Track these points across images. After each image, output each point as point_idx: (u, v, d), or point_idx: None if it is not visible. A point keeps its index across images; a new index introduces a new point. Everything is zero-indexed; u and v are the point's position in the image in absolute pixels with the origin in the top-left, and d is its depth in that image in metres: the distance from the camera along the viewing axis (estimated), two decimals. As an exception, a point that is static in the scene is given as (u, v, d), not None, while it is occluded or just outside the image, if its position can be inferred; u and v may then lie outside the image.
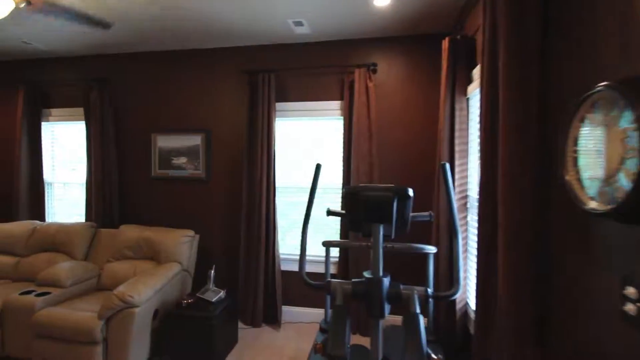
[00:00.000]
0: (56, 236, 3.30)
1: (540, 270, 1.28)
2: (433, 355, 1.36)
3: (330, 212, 1.89)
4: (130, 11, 2.69)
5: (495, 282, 1.43)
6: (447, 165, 1.53)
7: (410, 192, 1.51)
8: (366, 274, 1.54)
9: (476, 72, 2.24)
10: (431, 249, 1.79)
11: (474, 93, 2.29)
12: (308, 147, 3.38)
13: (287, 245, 3.42)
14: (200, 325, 2.53)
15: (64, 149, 3.92)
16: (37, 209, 3.77)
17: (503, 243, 1.22)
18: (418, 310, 1.46)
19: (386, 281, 1.49)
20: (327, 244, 1.89)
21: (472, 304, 2.23)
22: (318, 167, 1.85)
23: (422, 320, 1.40)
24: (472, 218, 2.28)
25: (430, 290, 1.51)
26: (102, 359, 2.43)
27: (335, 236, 3.32)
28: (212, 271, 2.85)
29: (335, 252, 3.20)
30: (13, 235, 3.34)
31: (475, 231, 2.22)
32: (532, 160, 1.20)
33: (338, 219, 3.26)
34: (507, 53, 1.26)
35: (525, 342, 1.24)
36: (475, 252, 2.21)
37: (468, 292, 2.24)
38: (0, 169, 3.98)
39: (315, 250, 3.33)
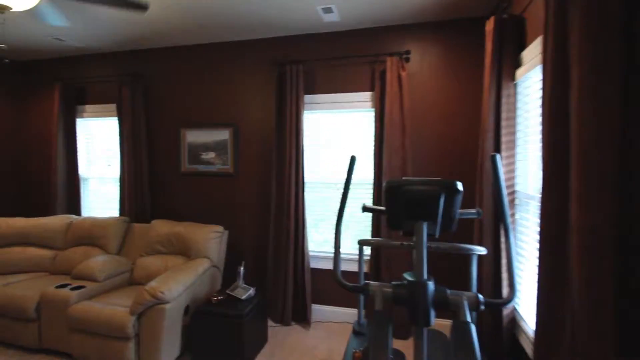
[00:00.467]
0: (91, 230, 3.36)
1: (628, 280, 1.10)
2: None
3: (366, 209, 1.76)
4: (162, 3, 2.66)
5: (563, 292, 1.26)
6: (499, 157, 1.36)
7: (460, 186, 1.36)
8: (407, 276, 1.41)
9: (527, 54, 2.03)
10: (481, 250, 1.63)
11: (524, 77, 2.07)
12: (337, 141, 3.25)
13: (313, 241, 3.32)
14: (230, 323, 2.49)
15: (99, 145, 4.00)
16: (73, 203, 3.88)
17: (578, 246, 1.04)
18: (469, 319, 1.30)
19: (431, 285, 1.35)
20: (363, 243, 1.76)
21: (522, 310, 2.04)
22: (353, 159, 1.72)
23: (474, 331, 1.25)
24: (522, 216, 2.08)
25: (481, 297, 1.35)
26: (134, 354, 2.44)
27: (366, 233, 3.18)
28: (242, 268, 2.80)
29: (367, 249, 3.07)
30: (51, 229, 3.44)
31: (526, 230, 2.02)
32: (613, 150, 1.01)
33: (368, 214, 3.13)
34: (583, 26, 1.07)
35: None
36: (527, 254, 2.01)
37: (516, 297, 2.05)
38: (39, 164, 4.13)
39: (343, 246, 3.21)
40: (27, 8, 1.89)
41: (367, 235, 3.18)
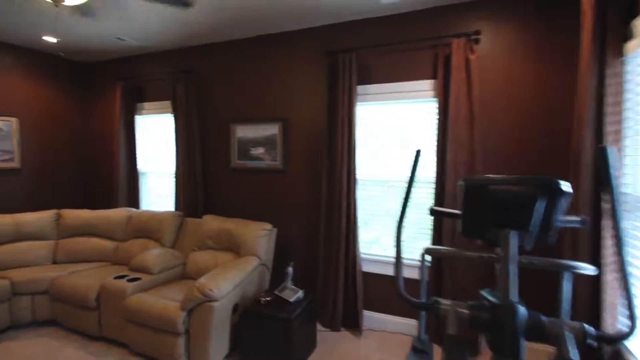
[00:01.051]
0: (148, 223, 3.46)
1: None
2: None
3: (435, 212, 1.50)
4: (210, -5, 2.60)
5: None
6: (611, 150, 1.03)
7: (566, 186, 1.06)
8: (487, 295, 1.14)
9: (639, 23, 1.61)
10: (589, 269, 1.30)
11: (637, 52, 1.66)
12: (392, 135, 2.99)
13: (362, 241, 3.10)
14: (278, 326, 2.37)
15: (156, 141, 4.14)
16: (133, 197, 4.05)
17: None
18: (576, 357, 1.01)
19: (522, 310, 1.08)
20: (430, 252, 1.51)
21: (631, 344, 1.64)
22: (418, 154, 1.48)
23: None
24: (633, 225, 1.68)
25: (590, 328, 1.05)
26: (183, 351, 2.42)
27: (422, 236, 2.89)
28: (290, 268, 2.67)
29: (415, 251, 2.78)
30: (113, 221, 3.60)
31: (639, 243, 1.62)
32: None
33: (425, 215, 2.83)
34: None
35: None
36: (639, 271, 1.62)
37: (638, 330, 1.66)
38: (102, 159, 4.38)
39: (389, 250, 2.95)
40: (80, 2, 1.89)
41: (423, 239, 2.89)
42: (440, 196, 2.65)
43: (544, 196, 1.08)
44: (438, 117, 2.66)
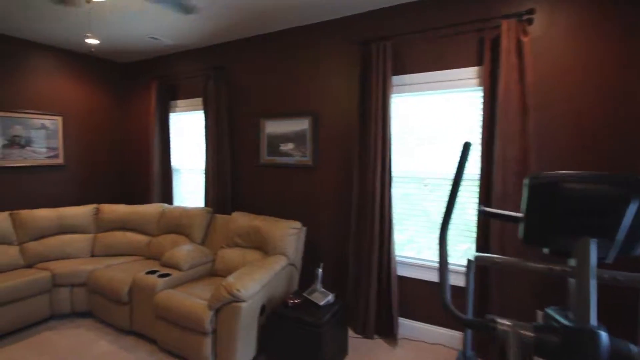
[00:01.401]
0: (179, 219, 3.48)
1: None
2: None
3: (487, 213, 1.29)
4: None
5: None
6: None
7: None
8: (556, 315, 0.93)
9: None
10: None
11: None
12: (430, 127, 2.75)
13: (396, 243, 2.89)
14: (307, 330, 2.24)
15: (188, 138, 4.16)
16: (167, 193, 4.11)
17: None
18: None
19: (605, 336, 0.86)
20: (482, 261, 1.29)
21: None
22: (467, 147, 1.28)
23: None
24: None
25: None
26: (210, 350, 2.36)
27: (461, 239, 2.63)
28: (320, 270, 2.53)
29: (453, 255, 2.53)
30: (147, 216, 3.66)
31: None
32: None
33: (466, 216, 2.57)
34: None
35: None
36: None
37: None
38: (140, 156, 4.49)
39: (427, 250, 2.72)
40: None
41: (461, 242, 2.63)
42: (485, 196, 2.39)
43: (637, 198, 0.85)
44: (483, 107, 2.40)
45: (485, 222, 2.40)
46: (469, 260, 1.72)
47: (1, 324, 2.73)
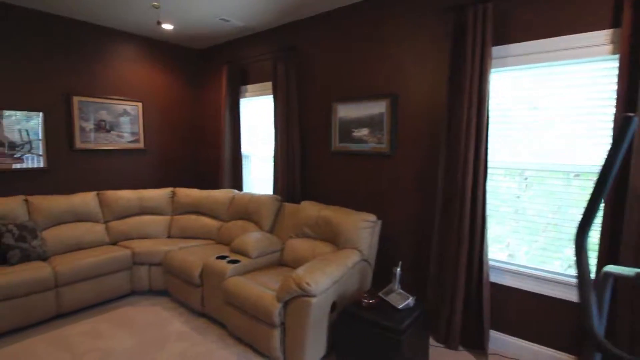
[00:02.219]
0: (248, 206, 3.44)
1: None
2: None
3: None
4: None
5: None
6: None
7: None
8: None
9: None
10: None
11: None
12: (539, 108, 2.28)
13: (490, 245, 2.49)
14: (384, 336, 2.00)
15: (257, 124, 4.12)
16: (236, 179, 4.12)
17: None
18: None
19: None
20: (620, 277, 0.93)
21: None
22: (627, 122, 0.92)
23: None
24: None
25: None
26: (278, 344, 2.24)
27: (565, 243, 2.15)
28: (398, 269, 2.26)
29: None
30: (218, 201, 3.69)
31: None
32: None
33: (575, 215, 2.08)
34: None
35: None
36: None
37: None
38: (211, 142, 4.57)
39: (521, 255, 2.28)
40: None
41: (565, 246, 2.14)
42: (615, 195, 1.90)
43: None
44: (619, 80, 1.89)
45: (612, 226, 1.91)
46: (605, 273, 1.34)
47: (88, 296, 2.92)
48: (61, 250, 3.09)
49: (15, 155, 3.25)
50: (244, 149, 4.23)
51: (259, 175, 4.16)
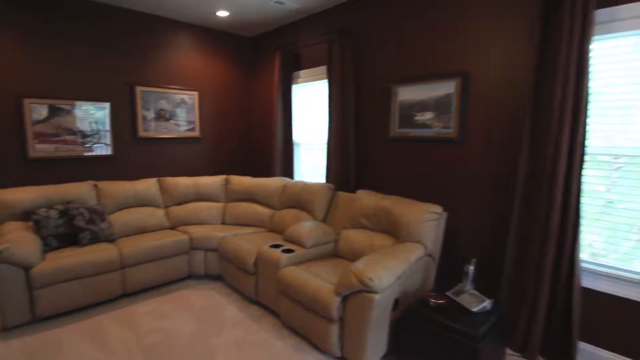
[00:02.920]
0: (300, 194, 3.35)
1: None
2: None
3: None
4: None
5: None
6: None
7: None
8: None
9: None
10: None
11: None
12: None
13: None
14: (459, 342, 1.79)
15: (310, 111, 4.00)
16: (288, 167, 4.05)
17: None
18: None
19: None
20: None
21: None
22: None
23: None
24: None
25: None
26: (337, 339, 2.12)
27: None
28: (472, 267, 2.02)
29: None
30: (270, 189, 3.65)
31: None
32: None
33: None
34: None
35: None
36: None
37: None
38: (263, 130, 4.55)
39: (616, 258, 1.90)
40: None
41: None
42: None
43: None
44: None
45: None
46: None
47: (150, 278, 3.02)
48: (126, 233, 3.23)
49: (85, 145, 3.45)
50: (295, 136, 4.14)
51: (310, 163, 4.06)
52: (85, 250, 2.73)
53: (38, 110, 3.16)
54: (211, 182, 3.84)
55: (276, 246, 2.76)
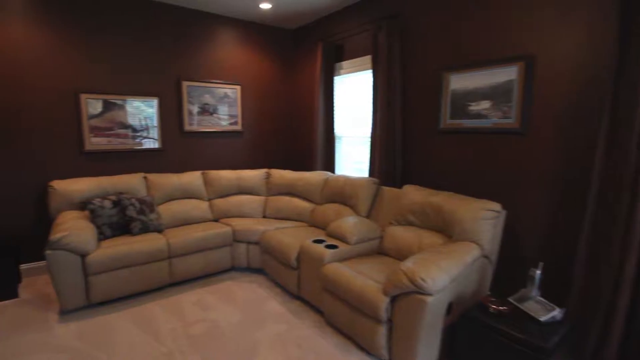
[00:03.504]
0: (343, 189, 3.25)
1: None
2: None
3: None
4: None
5: None
6: None
7: None
8: None
9: None
10: None
11: None
12: None
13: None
14: (525, 354, 1.61)
15: (352, 103, 3.88)
16: (329, 161, 3.97)
17: None
18: None
19: None
20: None
21: None
22: None
23: None
24: None
25: None
26: (385, 342, 2.01)
27: None
28: (538, 271, 1.83)
29: None
30: (311, 184, 3.59)
31: None
32: None
33: None
34: None
35: None
36: None
37: None
38: (304, 122, 4.50)
39: None
40: None
41: None
42: None
43: None
44: None
45: None
46: None
47: (195, 268, 3.08)
48: (172, 224, 3.31)
49: (136, 139, 3.58)
50: (337, 129, 4.04)
51: (351, 157, 3.95)
52: (136, 240, 2.82)
53: (93, 105, 3.32)
54: (253, 175, 3.85)
55: (319, 241, 2.69)
